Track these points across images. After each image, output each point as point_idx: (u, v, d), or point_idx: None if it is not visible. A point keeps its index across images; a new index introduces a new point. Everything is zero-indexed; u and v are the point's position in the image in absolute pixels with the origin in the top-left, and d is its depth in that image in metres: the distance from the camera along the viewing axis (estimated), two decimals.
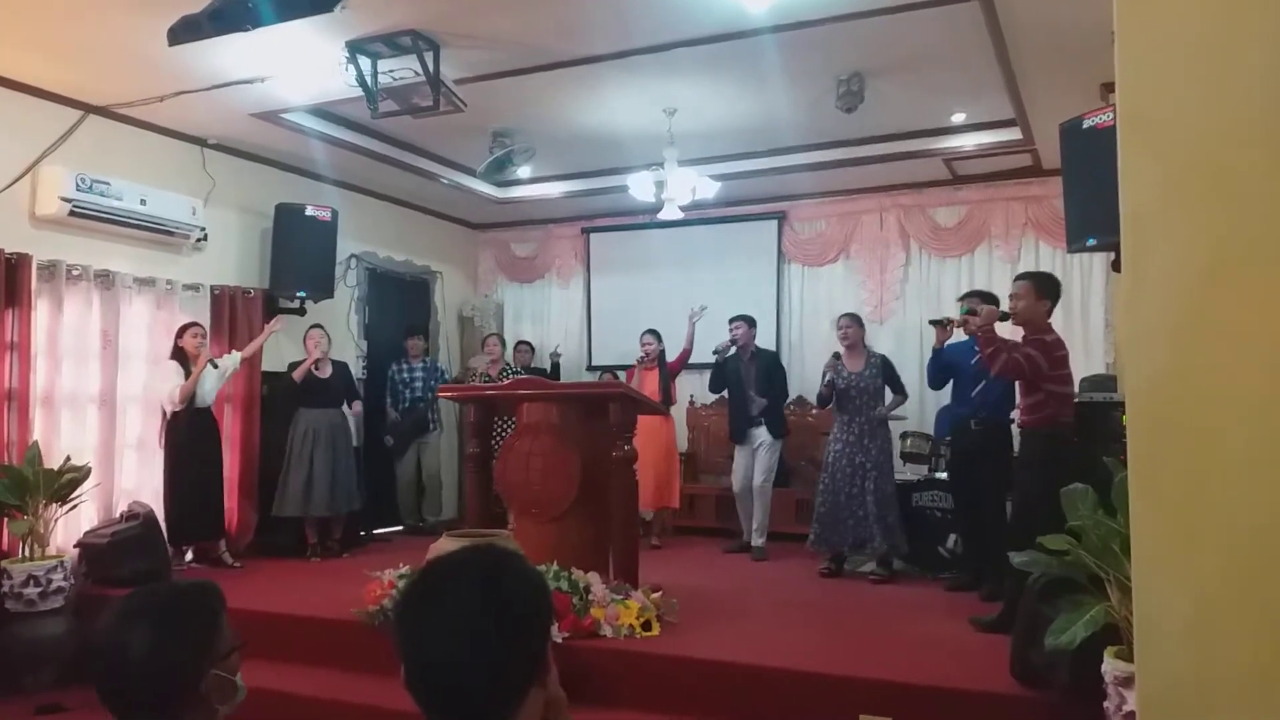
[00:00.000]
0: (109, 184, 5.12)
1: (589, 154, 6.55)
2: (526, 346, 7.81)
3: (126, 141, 5.46)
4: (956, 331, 5.04)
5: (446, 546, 3.53)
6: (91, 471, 4.88)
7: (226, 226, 6.12)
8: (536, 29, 4.31)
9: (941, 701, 3.21)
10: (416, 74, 4.46)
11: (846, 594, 4.96)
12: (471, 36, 4.35)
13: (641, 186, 5.86)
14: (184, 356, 5.47)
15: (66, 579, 4.56)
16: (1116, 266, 4.05)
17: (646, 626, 3.88)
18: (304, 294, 6.40)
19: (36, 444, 4.71)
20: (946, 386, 5.20)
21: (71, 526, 4.95)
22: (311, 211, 6.33)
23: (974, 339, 4.47)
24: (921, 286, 7.16)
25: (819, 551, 5.46)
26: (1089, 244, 4.02)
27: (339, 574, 5.22)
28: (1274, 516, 1.51)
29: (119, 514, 5.17)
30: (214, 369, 5.57)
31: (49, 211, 4.94)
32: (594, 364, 8.13)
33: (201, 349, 5.46)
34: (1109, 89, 4.51)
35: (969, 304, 4.71)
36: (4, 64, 4.68)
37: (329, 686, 3.76)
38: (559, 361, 7.87)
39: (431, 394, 7.06)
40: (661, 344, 6.56)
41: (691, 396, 7.56)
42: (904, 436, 5.92)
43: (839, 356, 5.57)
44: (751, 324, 6.20)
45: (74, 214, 4.97)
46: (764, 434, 6.05)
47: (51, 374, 4.98)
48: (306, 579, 5.32)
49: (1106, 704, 2.71)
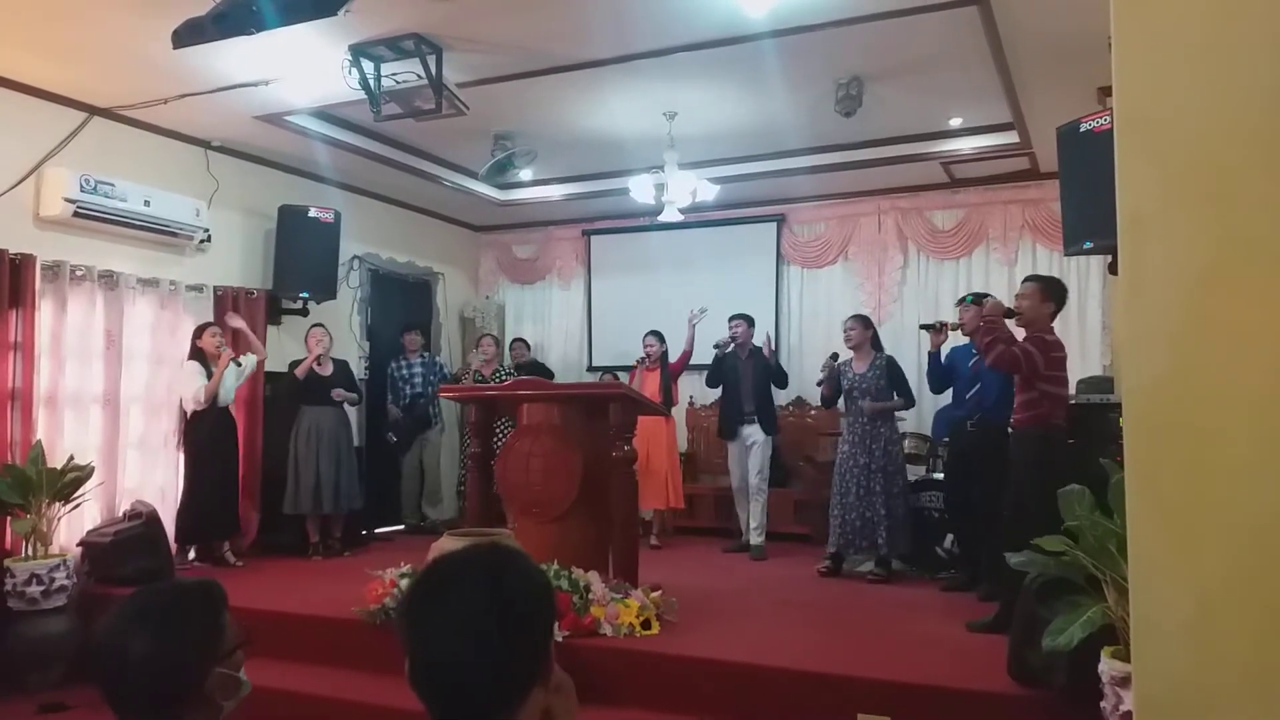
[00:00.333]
0: (113, 185, 5.14)
1: (590, 157, 6.57)
2: (522, 344, 7.83)
3: (131, 143, 5.48)
4: (953, 335, 5.07)
5: (448, 546, 3.54)
6: (94, 471, 4.91)
7: (230, 228, 6.14)
8: (538, 33, 4.33)
9: (939, 701, 3.23)
10: (419, 77, 4.48)
11: (845, 594, 4.98)
12: (474, 40, 4.38)
13: (642, 189, 5.88)
14: (202, 357, 5.52)
15: (69, 578, 4.58)
16: (1113, 269, 4.08)
17: (646, 625, 3.90)
18: (307, 295, 6.43)
19: (40, 443, 4.73)
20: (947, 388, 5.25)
21: (74, 525, 4.97)
22: (314, 213, 6.36)
23: (972, 341, 4.49)
24: (919, 289, 7.19)
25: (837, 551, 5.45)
26: (1086, 247, 4.05)
27: (341, 573, 5.24)
28: (1273, 517, 1.50)
29: (122, 513, 5.19)
30: (237, 367, 5.65)
31: (53, 212, 4.96)
32: (594, 365, 8.16)
33: (222, 349, 5.52)
34: (1106, 92, 4.54)
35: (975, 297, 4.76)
36: (10, 65, 4.70)
37: (331, 685, 3.78)
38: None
39: (432, 389, 7.09)
40: (664, 345, 6.59)
41: (692, 397, 7.59)
42: (903, 437, 5.94)
43: (836, 357, 5.63)
44: (751, 323, 6.29)
45: (78, 215, 4.99)
46: (757, 432, 6.09)
47: (55, 374, 5.00)
48: (308, 578, 5.33)
49: (1103, 704, 2.73)
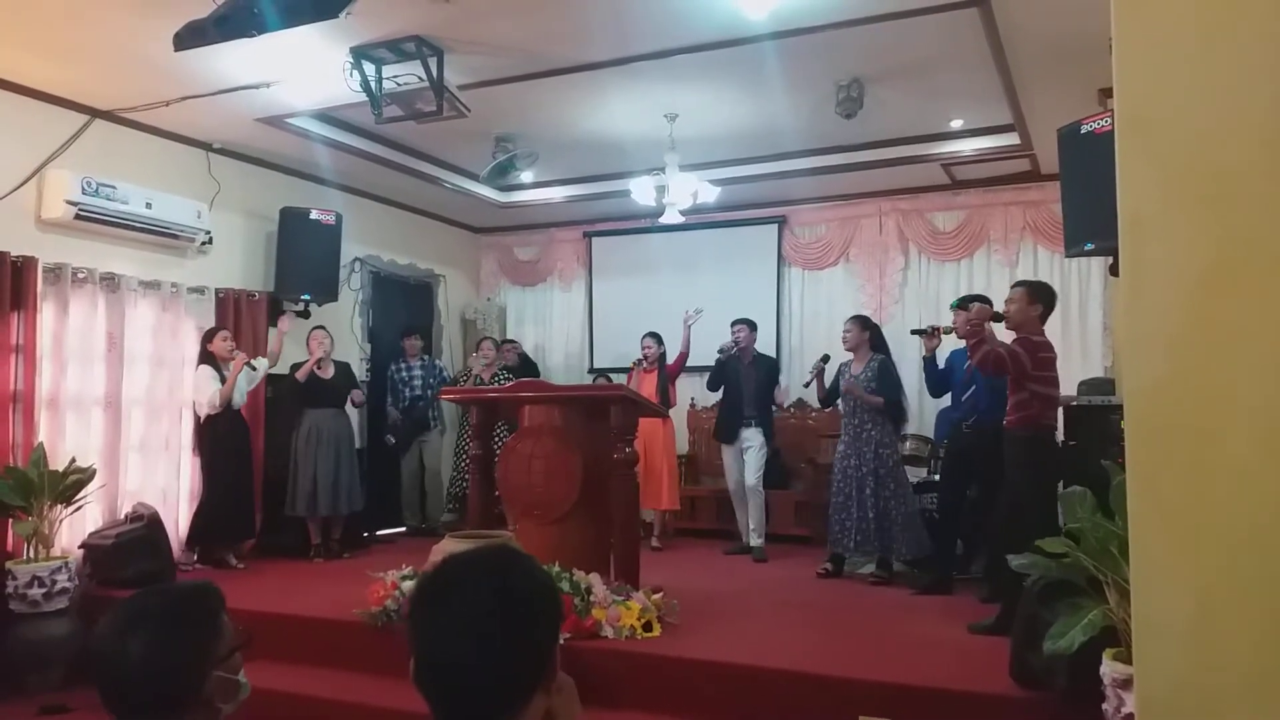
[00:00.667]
0: (115, 187, 5.15)
1: (591, 159, 6.58)
2: (511, 345, 7.82)
3: (132, 145, 5.49)
4: (946, 339, 5.08)
5: (450, 548, 3.54)
6: (96, 473, 4.90)
7: (231, 230, 6.15)
8: (540, 35, 4.34)
9: (940, 703, 3.23)
10: (420, 80, 4.49)
11: (845, 595, 4.98)
12: (475, 43, 4.38)
13: (643, 191, 5.88)
14: (214, 361, 5.54)
15: (71, 580, 4.58)
16: (1114, 270, 4.07)
17: (647, 627, 3.90)
18: (308, 297, 6.44)
19: (41, 445, 4.73)
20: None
21: (76, 528, 4.97)
22: (316, 215, 6.37)
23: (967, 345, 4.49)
24: (920, 290, 7.19)
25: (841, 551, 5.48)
26: (1087, 248, 4.04)
27: (342, 575, 5.24)
28: (1274, 518, 1.51)
29: (123, 515, 5.18)
30: (252, 370, 5.68)
31: (55, 215, 4.96)
32: (595, 366, 8.16)
33: (234, 352, 5.55)
34: (1107, 94, 4.54)
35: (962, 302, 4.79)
36: (11, 68, 4.71)
37: (332, 687, 3.78)
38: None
39: (431, 392, 7.09)
40: (662, 347, 6.59)
41: (693, 399, 7.59)
42: (902, 440, 5.94)
43: (826, 358, 5.70)
44: (753, 327, 6.28)
45: (80, 217, 4.99)
46: (755, 435, 6.10)
47: (57, 376, 5.00)
48: (310, 580, 5.33)
49: (1105, 706, 2.73)
